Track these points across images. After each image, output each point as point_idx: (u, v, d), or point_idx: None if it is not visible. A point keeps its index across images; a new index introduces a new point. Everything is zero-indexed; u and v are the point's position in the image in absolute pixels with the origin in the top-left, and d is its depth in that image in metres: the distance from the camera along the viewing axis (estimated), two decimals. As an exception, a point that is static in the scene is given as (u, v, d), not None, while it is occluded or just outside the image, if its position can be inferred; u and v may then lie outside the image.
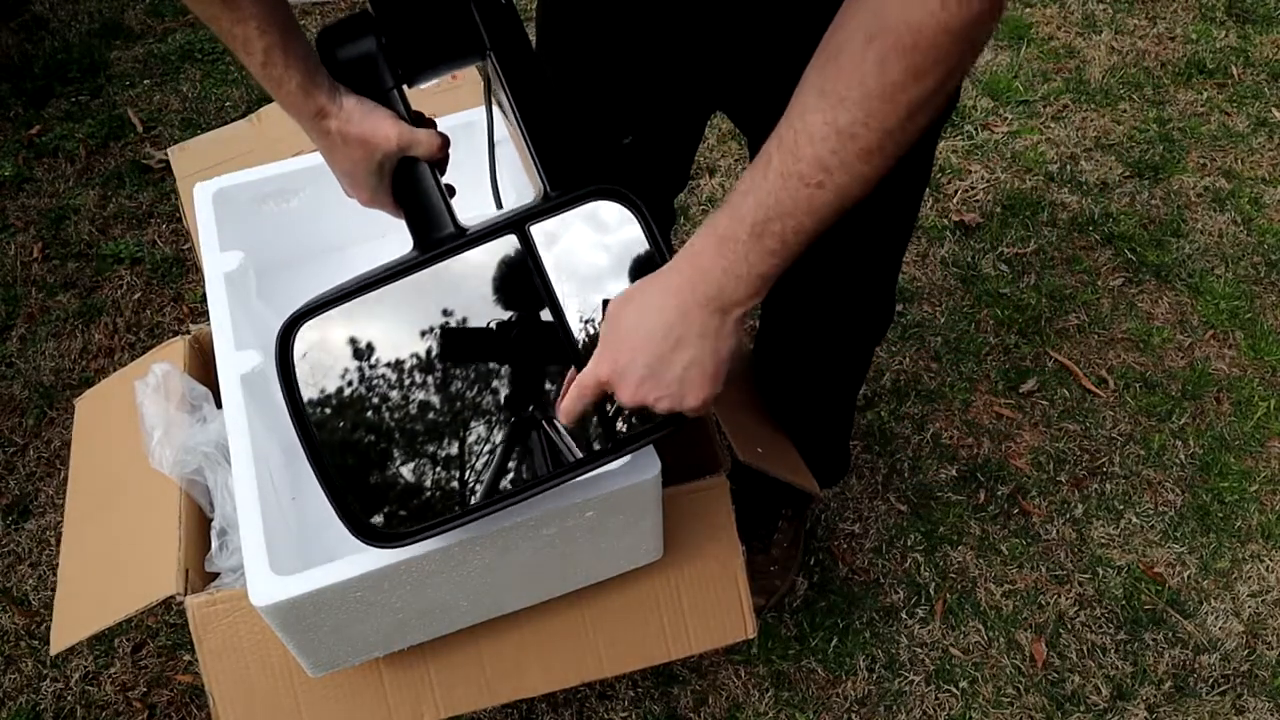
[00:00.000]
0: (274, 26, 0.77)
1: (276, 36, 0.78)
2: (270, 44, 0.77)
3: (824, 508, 1.65)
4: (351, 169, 0.85)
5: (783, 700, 1.45)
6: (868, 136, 0.67)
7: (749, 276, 0.74)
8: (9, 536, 1.65)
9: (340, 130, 0.82)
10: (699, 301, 0.75)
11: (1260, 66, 2.39)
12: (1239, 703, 1.43)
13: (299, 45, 0.79)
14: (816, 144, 0.68)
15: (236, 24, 0.76)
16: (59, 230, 2.12)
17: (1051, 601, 1.53)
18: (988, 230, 2.06)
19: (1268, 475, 1.67)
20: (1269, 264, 1.98)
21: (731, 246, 0.73)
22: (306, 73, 0.80)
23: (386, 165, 0.84)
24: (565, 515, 0.91)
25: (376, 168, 0.84)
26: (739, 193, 0.73)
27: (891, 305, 1.27)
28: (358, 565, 0.87)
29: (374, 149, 0.82)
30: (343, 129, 0.82)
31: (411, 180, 0.85)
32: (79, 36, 2.58)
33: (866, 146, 0.68)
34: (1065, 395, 1.79)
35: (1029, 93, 2.35)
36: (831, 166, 0.69)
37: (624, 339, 0.77)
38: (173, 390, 1.15)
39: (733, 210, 0.73)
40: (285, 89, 0.79)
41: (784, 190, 0.70)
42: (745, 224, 0.72)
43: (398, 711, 1.07)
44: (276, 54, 0.78)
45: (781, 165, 0.70)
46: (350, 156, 0.83)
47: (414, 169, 0.85)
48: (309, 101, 0.80)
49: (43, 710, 1.46)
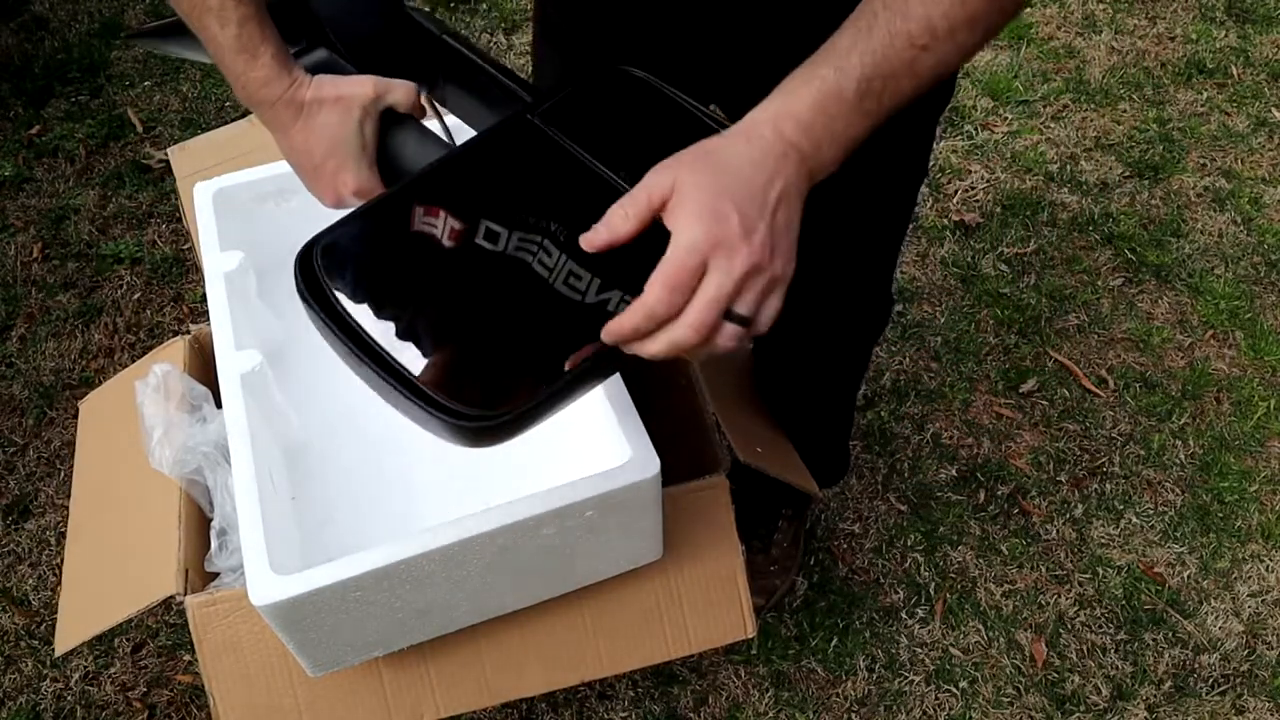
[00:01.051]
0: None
1: (253, 8, 0.77)
2: (246, 14, 0.76)
3: (824, 508, 1.65)
4: (331, 138, 0.81)
5: (783, 700, 1.45)
6: (976, 4, 0.67)
7: (844, 138, 0.68)
8: (9, 536, 1.65)
9: (316, 96, 0.80)
10: (798, 159, 0.66)
11: (1260, 66, 2.40)
12: (1239, 703, 1.43)
13: (270, 21, 0.78)
14: (928, 4, 0.66)
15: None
16: (59, 230, 2.12)
17: (1051, 601, 1.53)
18: (988, 230, 2.06)
19: (1268, 475, 1.67)
20: (1269, 264, 1.98)
21: (836, 102, 0.67)
22: (280, 45, 0.79)
23: (367, 124, 0.82)
24: (565, 515, 0.91)
25: (357, 128, 0.81)
26: (841, 50, 0.68)
27: (890, 302, 1.27)
28: (358, 565, 0.87)
29: (351, 104, 0.80)
30: (318, 94, 0.80)
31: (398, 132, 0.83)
32: (79, 36, 2.58)
33: (974, 14, 0.67)
34: (1065, 395, 1.79)
35: (1029, 93, 2.35)
36: (940, 31, 0.67)
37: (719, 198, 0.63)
38: (173, 390, 1.15)
39: (838, 65, 0.67)
40: (260, 60, 0.78)
41: (891, 49, 0.67)
42: (852, 80, 0.67)
43: (398, 711, 1.07)
44: (253, 24, 0.77)
45: (889, 24, 0.67)
46: (329, 124, 0.81)
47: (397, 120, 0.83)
48: (284, 72, 0.79)
49: (43, 710, 1.46)
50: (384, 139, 0.84)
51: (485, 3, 2.64)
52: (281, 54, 0.79)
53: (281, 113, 0.80)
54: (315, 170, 0.83)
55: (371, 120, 0.82)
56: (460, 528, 0.88)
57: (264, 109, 0.81)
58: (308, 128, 0.81)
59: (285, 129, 0.81)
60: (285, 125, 0.81)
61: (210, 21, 0.77)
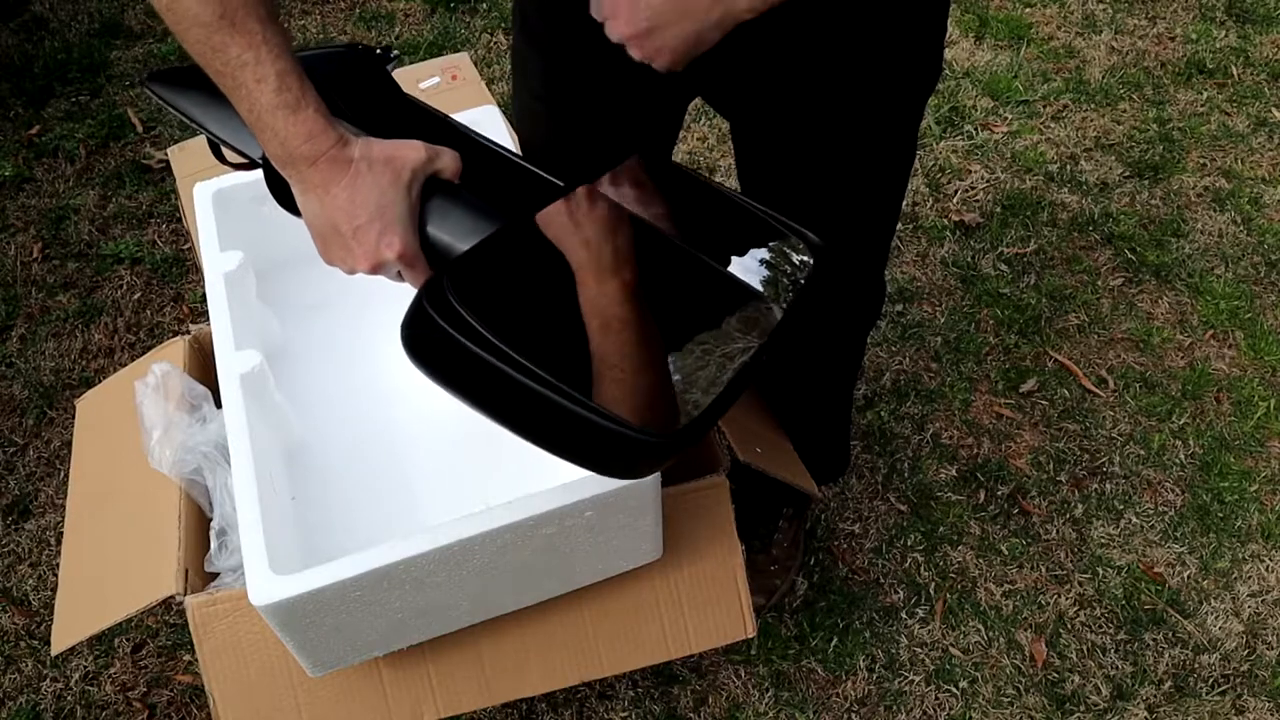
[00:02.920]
0: (285, 53, 0.74)
1: (290, 62, 0.74)
2: (284, 69, 0.73)
3: (824, 508, 1.65)
4: (380, 200, 0.77)
5: (783, 700, 1.45)
6: None
7: None
8: (9, 536, 1.65)
9: (365, 154, 0.77)
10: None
11: (1260, 66, 2.40)
12: (1239, 703, 1.43)
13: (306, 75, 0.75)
14: None
15: (248, 48, 0.72)
16: (59, 230, 2.12)
17: (1051, 601, 1.53)
18: (988, 230, 2.06)
19: (1268, 475, 1.67)
20: (1269, 264, 1.98)
21: None
22: (320, 102, 0.76)
23: (415, 187, 0.79)
24: (564, 515, 0.91)
25: (405, 191, 0.78)
26: None
27: (882, 291, 1.27)
28: (358, 565, 0.87)
29: (402, 165, 0.78)
30: (367, 152, 0.77)
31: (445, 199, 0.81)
32: (79, 36, 2.58)
33: None
34: (1065, 395, 1.79)
35: (1029, 93, 2.35)
36: None
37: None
38: (172, 390, 1.15)
39: None
40: (302, 115, 0.74)
41: None
42: None
43: (398, 711, 1.07)
44: (292, 79, 0.74)
45: None
46: (378, 184, 0.77)
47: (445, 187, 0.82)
48: (330, 128, 0.76)
49: (43, 710, 1.46)
50: (426, 205, 0.81)
51: (485, 3, 2.64)
52: (323, 110, 0.75)
53: (326, 170, 0.76)
54: (356, 231, 0.78)
55: (419, 184, 0.80)
56: (460, 528, 0.88)
57: (303, 165, 0.77)
58: (354, 186, 0.77)
59: (327, 187, 0.77)
60: (327, 183, 0.77)
61: (246, 77, 0.73)
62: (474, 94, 1.71)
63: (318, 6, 2.67)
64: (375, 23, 2.60)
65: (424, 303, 0.72)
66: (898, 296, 1.94)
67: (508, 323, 0.72)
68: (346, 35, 2.59)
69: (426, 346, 0.72)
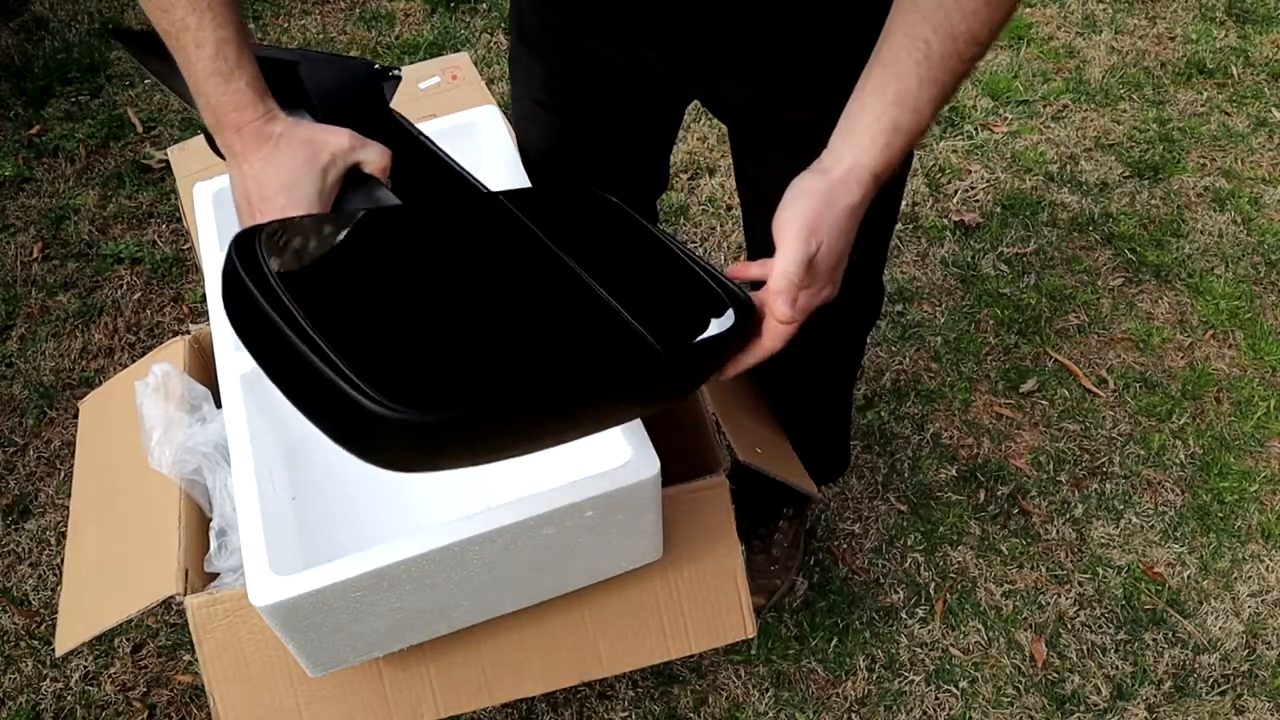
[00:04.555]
0: (229, 22, 0.76)
1: (231, 31, 0.76)
2: (224, 37, 0.75)
3: (824, 508, 1.65)
4: (290, 176, 0.78)
5: (783, 700, 1.45)
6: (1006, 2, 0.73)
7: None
8: (9, 536, 1.65)
9: (287, 131, 0.78)
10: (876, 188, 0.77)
11: (1260, 66, 2.40)
12: (1239, 703, 1.43)
13: (249, 47, 0.77)
14: (969, 19, 0.72)
15: (191, 12, 0.74)
16: (59, 230, 2.12)
17: (1051, 601, 1.53)
18: (988, 230, 2.06)
19: (1268, 475, 1.67)
20: (1269, 264, 1.98)
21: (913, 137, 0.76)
22: (257, 75, 0.77)
23: (331, 172, 0.80)
24: (564, 515, 0.91)
25: (320, 173, 0.79)
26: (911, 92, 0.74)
27: (880, 291, 1.27)
28: (358, 565, 0.87)
29: (320, 148, 0.79)
30: (289, 130, 0.78)
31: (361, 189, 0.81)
32: (79, 36, 2.58)
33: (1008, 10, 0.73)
34: (1065, 395, 1.79)
35: (1029, 93, 2.35)
36: (982, 39, 0.73)
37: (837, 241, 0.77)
38: (172, 390, 1.15)
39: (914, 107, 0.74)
40: (233, 84, 0.76)
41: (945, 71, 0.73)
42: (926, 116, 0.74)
43: (398, 711, 1.07)
44: (230, 48, 0.75)
45: (941, 47, 0.72)
46: (291, 161, 0.78)
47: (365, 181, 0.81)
48: (259, 101, 0.77)
49: (43, 710, 1.46)
50: (344, 193, 0.82)
51: (485, 3, 2.64)
52: (257, 83, 0.77)
53: (248, 140, 0.78)
54: (262, 201, 0.79)
55: (337, 171, 0.80)
56: (460, 528, 0.88)
57: (228, 133, 0.78)
58: (268, 160, 0.78)
59: (246, 156, 0.79)
60: (245, 152, 0.78)
61: (187, 41, 0.75)
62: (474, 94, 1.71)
63: (318, 6, 2.67)
64: (375, 23, 2.60)
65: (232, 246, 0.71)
66: (898, 296, 1.94)
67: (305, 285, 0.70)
68: (346, 35, 2.59)
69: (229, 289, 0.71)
